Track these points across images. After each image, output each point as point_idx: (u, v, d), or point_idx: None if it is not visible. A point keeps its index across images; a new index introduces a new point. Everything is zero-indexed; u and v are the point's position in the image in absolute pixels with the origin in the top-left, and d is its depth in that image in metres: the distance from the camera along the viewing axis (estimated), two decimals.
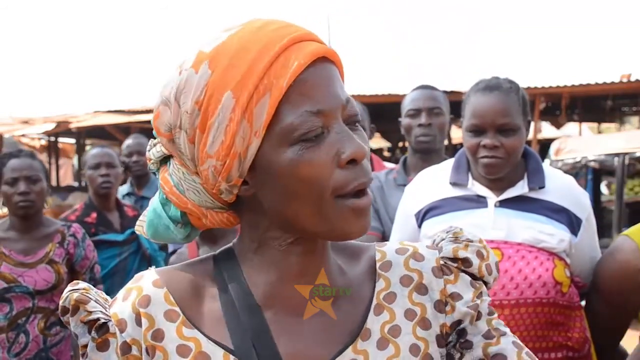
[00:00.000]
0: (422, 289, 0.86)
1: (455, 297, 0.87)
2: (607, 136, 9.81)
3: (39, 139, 15.72)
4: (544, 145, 10.41)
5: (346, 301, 0.85)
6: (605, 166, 7.49)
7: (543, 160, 2.09)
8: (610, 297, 1.81)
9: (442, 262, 0.88)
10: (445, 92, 2.73)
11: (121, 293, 0.84)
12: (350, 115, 0.78)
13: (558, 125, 12.47)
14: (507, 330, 0.89)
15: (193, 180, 0.82)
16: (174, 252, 2.53)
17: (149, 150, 0.87)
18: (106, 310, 0.82)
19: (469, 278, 0.88)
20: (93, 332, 0.81)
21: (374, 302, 0.85)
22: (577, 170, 7.84)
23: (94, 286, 2.90)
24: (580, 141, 8.26)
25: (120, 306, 0.82)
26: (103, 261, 3.11)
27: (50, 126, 11.56)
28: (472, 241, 0.90)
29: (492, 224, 1.84)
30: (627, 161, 6.95)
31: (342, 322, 0.83)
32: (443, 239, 0.91)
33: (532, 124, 2.08)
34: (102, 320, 0.81)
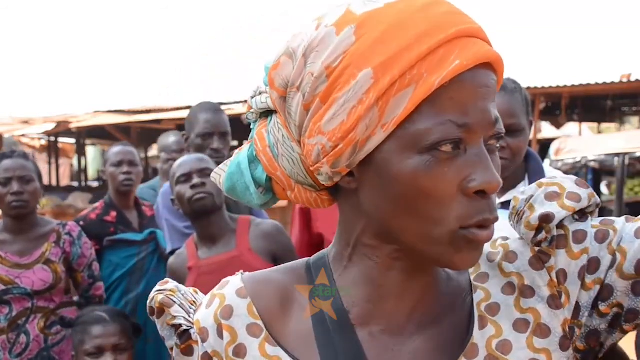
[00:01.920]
0: (527, 292, 0.73)
1: (562, 278, 0.72)
2: (607, 136, 9.82)
3: (39, 139, 15.72)
4: (544, 145, 10.41)
5: (445, 316, 0.74)
6: (605, 166, 7.49)
7: (543, 160, 2.08)
8: None
9: (536, 248, 0.74)
10: None
11: (206, 299, 0.79)
12: (493, 134, 0.66)
13: (558, 125, 12.48)
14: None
15: (292, 147, 0.71)
16: (173, 252, 2.53)
17: (252, 98, 0.75)
18: (189, 316, 0.79)
19: (566, 240, 0.72)
20: (176, 337, 0.78)
21: (476, 314, 0.73)
22: (577, 170, 7.84)
23: (94, 284, 2.90)
24: (580, 141, 8.26)
25: (203, 314, 0.77)
26: (121, 260, 3.11)
27: (50, 126, 11.57)
28: (531, 196, 0.75)
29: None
30: (627, 161, 6.95)
31: (445, 338, 0.73)
32: (515, 226, 0.77)
33: (532, 124, 2.08)
34: (185, 327, 0.78)
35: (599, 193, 8.62)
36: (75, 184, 16.81)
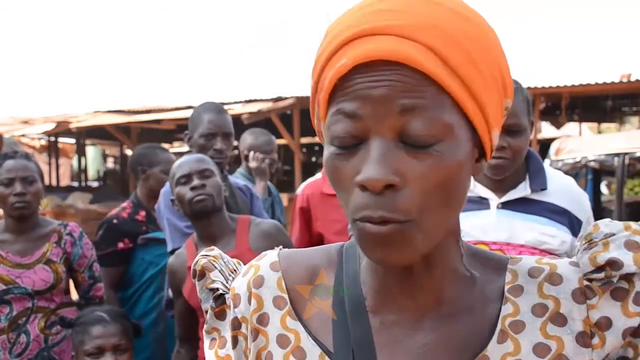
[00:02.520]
0: (559, 320, 0.70)
1: (604, 325, 0.68)
2: (607, 136, 9.81)
3: (39, 139, 15.72)
4: (544, 145, 10.40)
5: (464, 320, 0.72)
6: (605, 166, 7.48)
7: (543, 160, 2.08)
8: None
9: (585, 282, 0.70)
10: None
11: (244, 268, 0.84)
12: (408, 130, 0.62)
13: (558, 125, 12.47)
14: None
15: None
16: (172, 251, 2.53)
17: None
18: (227, 282, 0.84)
19: (616, 292, 0.68)
20: (212, 300, 0.83)
21: (499, 327, 0.70)
22: (577, 170, 7.84)
23: (93, 285, 2.90)
24: (580, 141, 8.25)
25: (239, 281, 0.82)
26: (154, 258, 3.14)
27: (50, 126, 11.56)
28: (613, 234, 0.69)
29: (494, 225, 1.84)
30: (627, 161, 6.95)
31: (458, 342, 0.71)
32: (579, 250, 0.72)
33: (532, 124, 2.07)
34: (221, 291, 0.83)
35: (599, 193, 8.63)
36: (75, 184, 16.81)
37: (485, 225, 1.84)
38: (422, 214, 0.63)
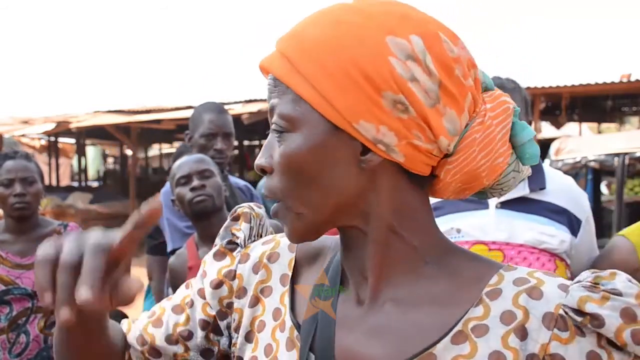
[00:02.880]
0: (521, 333, 0.68)
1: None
2: (607, 136, 9.81)
3: (39, 139, 15.72)
4: (544, 145, 10.39)
5: (425, 311, 0.74)
6: (605, 166, 7.48)
7: (543, 160, 2.09)
8: None
9: (562, 310, 0.68)
10: None
11: (268, 237, 0.91)
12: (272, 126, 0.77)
13: (558, 125, 12.48)
14: None
15: None
16: (173, 251, 2.53)
17: None
18: (248, 240, 0.91)
19: (590, 347, 0.66)
20: (224, 242, 0.91)
21: (458, 327, 0.71)
22: (577, 170, 7.83)
23: None
24: (580, 141, 8.25)
25: (257, 245, 0.90)
26: None
27: (50, 126, 11.57)
28: (619, 294, 0.66)
29: (493, 225, 1.84)
30: (627, 161, 6.94)
31: (407, 334, 0.73)
32: (580, 281, 0.70)
33: (532, 124, 2.08)
34: (238, 242, 0.90)
35: (599, 193, 8.63)
36: (75, 184, 16.81)
37: (484, 225, 1.84)
38: (283, 195, 0.75)
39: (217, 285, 0.88)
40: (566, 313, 0.67)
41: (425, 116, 0.70)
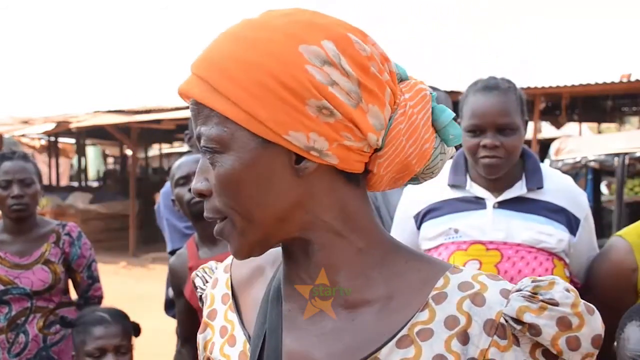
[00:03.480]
0: (463, 337, 0.72)
1: None
2: (607, 136, 9.81)
3: (39, 139, 15.72)
4: (544, 145, 10.39)
5: (372, 316, 0.76)
6: (605, 166, 7.47)
7: (543, 161, 2.08)
8: (604, 297, 1.81)
9: (502, 319, 0.71)
10: (445, 92, 2.73)
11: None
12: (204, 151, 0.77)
13: (558, 125, 12.47)
14: None
15: None
16: (173, 252, 2.53)
17: None
18: (204, 286, 0.96)
19: (523, 357, 0.70)
20: (200, 302, 0.96)
21: (403, 332, 0.73)
22: (577, 170, 7.83)
23: (92, 285, 2.90)
24: (580, 141, 8.24)
25: (207, 285, 0.95)
26: None
27: (50, 126, 11.57)
28: (556, 304, 0.70)
29: (491, 225, 1.84)
30: (627, 161, 6.94)
31: (354, 338, 0.76)
32: (520, 289, 0.73)
33: (532, 124, 2.07)
34: (201, 295, 0.96)
35: (599, 193, 8.63)
36: (75, 184, 16.81)
37: (481, 225, 1.84)
38: (228, 213, 0.75)
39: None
40: (506, 321, 0.71)
41: (351, 116, 0.72)
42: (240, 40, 0.73)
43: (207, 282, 0.96)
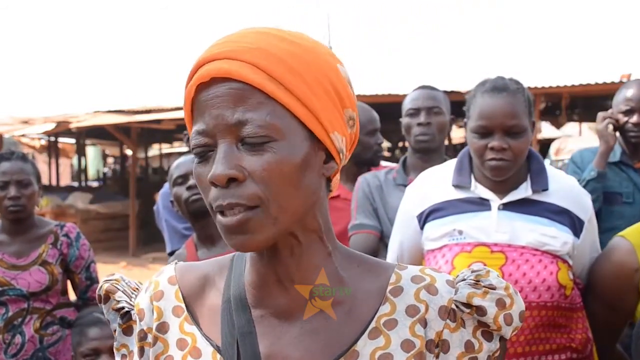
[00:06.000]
0: (423, 323, 0.83)
1: (445, 347, 0.83)
2: None
3: (39, 139, 15.72)
4: (544, 145, 10.42)
5: (343, 315, 0.83)
6: None
7: (543, 160, 2.06)
8: (606, 297, 1.81)
9: (454, 305, 0.84)
10: (445, 92, 2.72)
11: (145, 285, 0.93)
12: (244, 135, 0.75)
13: (558, 125, 12.47)
14: None
15: None
16: (172, 252, 2.52)
17: None
18: (131, 300, 0.92)
19: (467, 337, 0.84)
20: (119, 318, 0.91)
21: (372, 325, 0.83)
22: None
23: (90, 286, 2.89)
24: (580, 141, 8.24)
25: (141, 297, 0.91)
26: None
27: (50, 126, 11.55)
28: (494, 288, 0.84)
29: (495, 227, 1.82)
30: None
31: (330, 336, 0.82)
32: (464, 279, 0.86)
33: (534, 125, 2.06)
34: (127, 309, 0.91)
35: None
36: (75, 184, 16.81)
37: (486, 226, 1.83)
38: (267, 201, 0.75)
39: (141, 352, 0.89)
40: (457, 307, 0.84)
41: (357, 132, 0.86)
42: (293, 42, 0.79)
43: (129, 294, 0.92)
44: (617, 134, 2.70)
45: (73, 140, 16.69)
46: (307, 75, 0.77)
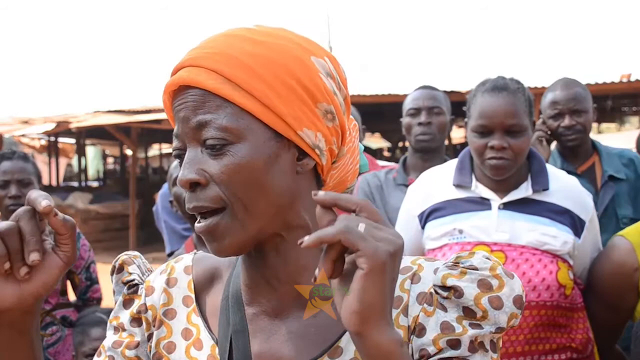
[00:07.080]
0: (405, 312, 0.81)
1: (419, 331, 0.80)
2: (607, 136, 9.79)
3: (39, 139, 15.71)
4: None
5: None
6: None
7: None
8: (606, 297, 1.81)
9: (432, 289, 0.81)
10: (445, 92, 2.72)
11: (163, 266, 0.95)
12: (204, 139, 0.77)
13: None
14: None
15: None
16: (171, 253, 2.52)
17: None
18: (143, 276, 0.94)
19: (444, 318, 0.79)
20: (126, 288, 0.93)
21: None
22: None
23: (90, 286, 2.89)
24: None
25: (155, 276, 0.93)
26: None
27: (50, 126, 11.55)
28: (475, 268, 0.80)
29: (496, 226, 1.82)
30: None
31: (318, 333, 0.83)
32: (445, 263, 0.84)
33: (535, 124, 2.05)
34: (136, 282, 0.93)
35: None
36: (75, 184, 16.80)
37: (486, 226, 1.83)
38: (231, 203, 0.76)
39: (138, 322, 0.91)
40: (435, 291, 0.81)
41: (343, 124, 0.83)
42: (258, 42, 0.78)
43: (143, 271, 0.95)
44: (554, 142, 2.55)
45: (73, 140, 16.68)
46: (267, 75, 0.77)
